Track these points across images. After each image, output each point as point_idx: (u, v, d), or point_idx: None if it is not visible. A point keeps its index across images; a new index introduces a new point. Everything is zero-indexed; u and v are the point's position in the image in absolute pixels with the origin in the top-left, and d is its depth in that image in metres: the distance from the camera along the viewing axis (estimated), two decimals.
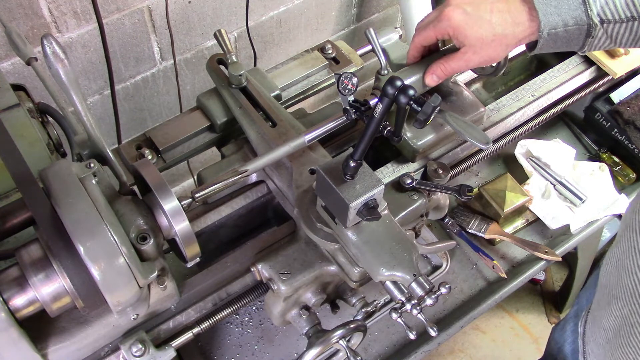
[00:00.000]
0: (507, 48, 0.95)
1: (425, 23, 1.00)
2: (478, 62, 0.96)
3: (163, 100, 2.02)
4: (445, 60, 1.00)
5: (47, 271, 0.79)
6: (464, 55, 0.96)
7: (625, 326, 0.88)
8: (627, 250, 0.86)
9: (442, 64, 1.00)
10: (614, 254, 0.93)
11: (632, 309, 0.85)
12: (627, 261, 0.85)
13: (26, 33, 1.54)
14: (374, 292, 1.29)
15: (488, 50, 0.94)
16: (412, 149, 1.14)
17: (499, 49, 0.94)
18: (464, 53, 0.96)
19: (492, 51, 0.94)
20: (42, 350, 0.86)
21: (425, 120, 0.78)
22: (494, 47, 0.93)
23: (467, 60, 0.96)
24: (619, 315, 0.89)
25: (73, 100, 0.85)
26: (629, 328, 0.87)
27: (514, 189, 1.43)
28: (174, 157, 1.13)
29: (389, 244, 0.90)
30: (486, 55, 0.95)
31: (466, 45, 0.94)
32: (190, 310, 1.00)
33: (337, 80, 0.91)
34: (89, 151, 0.94)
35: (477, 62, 0.96)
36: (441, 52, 1.07)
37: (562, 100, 1.34)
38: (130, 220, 0.83)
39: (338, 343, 0.97)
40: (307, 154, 1.06)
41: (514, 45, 0.95)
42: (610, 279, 0.93)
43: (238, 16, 1.95)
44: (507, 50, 0.96)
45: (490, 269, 1.40)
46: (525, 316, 2.41)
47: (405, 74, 1.09)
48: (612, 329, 0.92)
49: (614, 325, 0.91)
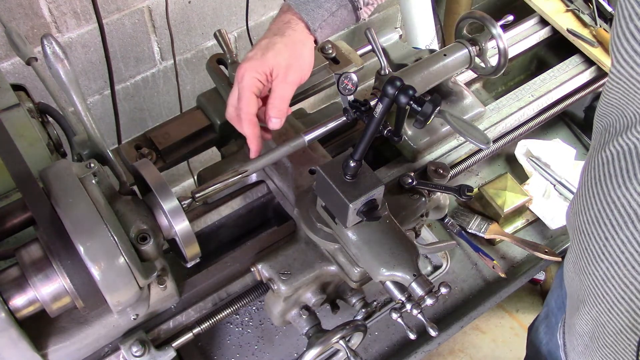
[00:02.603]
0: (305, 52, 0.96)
1: (233, 101, 0.98)
2: (294, 79, 0.96)
3: (163, 100, 2.02)
4: (271, 99, 0.96)
5: (47, 271, 0.78)
6: (277, 82, 0.95)
7: (597, 327, 0.88)
8: (580, 254, 0.86)
9: (270, 104, 0.96)
10: (569, 260, 0.93)
11: (599, 309, 0.85)
12: (582, 264, 0.85)
13: (26, 33, 1.54)
14: (374, 292, 1.29)
15: (294, 67, 0.95)
16: (412, 149, 1.14)
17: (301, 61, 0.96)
18: (278, 81, 0.95)
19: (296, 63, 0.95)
20: (42, 350, 0.86)
21: (425, 120, 0.78)
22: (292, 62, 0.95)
23: (285, 82, 0.95)
24: (589, 318, 0.89)
25: (73, 100, 0.85)
26: (601, 329, 0.87)
27: (514, 189, 1.43)
28: (174, 157, 1.13)
29: (389, 244, 0.90)
30: (297, 70, 0.95)
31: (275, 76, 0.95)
32: (190, 310, 1.00)
33: (337, 80, 0.91)
34: (89, 151, 0.94)
35: (293, 79, 0.96)
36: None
37: (562, 100, 1.34)
38: (130, 220, 0.83)
39: (338, 343, 0.97)
40: (307, 154, 1.06)
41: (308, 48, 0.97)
42: (573, 284, 0.93)
43: (238, 16, 1.95)
44: (309, 55, 0.97)
45: (490, 269, 1.40)
46: (525, 316, 2.41)
47: (405, 74, 1.09)
48: (587, 333, 0.92)
49: (588, 330, 0.91)
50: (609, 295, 0.81)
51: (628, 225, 0.74)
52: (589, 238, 0.82)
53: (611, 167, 0.76)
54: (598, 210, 0.79)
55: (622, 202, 0.74)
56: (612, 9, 1.48)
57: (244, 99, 0.93)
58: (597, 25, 1.44)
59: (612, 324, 0.84)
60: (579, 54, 1.41)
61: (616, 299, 0.80)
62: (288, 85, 0.95)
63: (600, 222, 0.79)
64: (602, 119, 0.81)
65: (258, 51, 0.93)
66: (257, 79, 0.93)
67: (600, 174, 0.78)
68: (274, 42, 0.94)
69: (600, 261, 0.80)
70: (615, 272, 0.78)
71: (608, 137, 0.78)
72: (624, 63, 0.70)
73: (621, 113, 0.76)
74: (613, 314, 0.82)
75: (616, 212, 0.75)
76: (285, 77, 0.94)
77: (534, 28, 1.48)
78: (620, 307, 0.80)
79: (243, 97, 0.93)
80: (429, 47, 2.06)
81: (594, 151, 0.82)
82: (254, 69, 0.92)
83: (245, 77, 0.93)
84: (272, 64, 0.93)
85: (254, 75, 0.92)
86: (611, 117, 0.78)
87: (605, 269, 0.80)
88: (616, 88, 0.74)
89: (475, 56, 1.14)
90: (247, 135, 0.96)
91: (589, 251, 0.83)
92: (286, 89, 0.95)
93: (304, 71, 0.97)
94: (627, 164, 0.73)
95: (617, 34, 0.68)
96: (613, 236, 0.77)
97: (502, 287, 1.38)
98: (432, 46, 2.10)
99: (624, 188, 0.73)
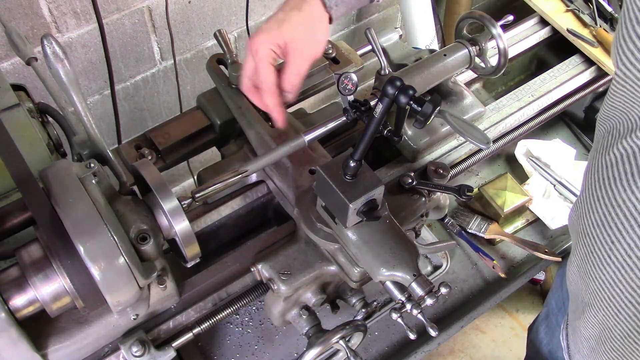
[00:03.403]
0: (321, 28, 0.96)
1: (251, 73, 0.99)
2: (310, 53, 0.96)
3: (163, 100, 2.02)
4: (286, 74, 0.97)
5: (47, 271, 0.78)
6: (293, 56, 0.95)
7: (604, 331, 0.87)
8: (585, 257, 0.85)
9: (284, 79, 0.97)
10: (573, 263, 0.92)
11: (606, 312, 0.84)
12: (588, 267, 0.85)
13: (26, 33, 1.54)
14: (374, 292, 1.29)
15: (309, 41, 0.95)
16: (412, 149, 1.14)
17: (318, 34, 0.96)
18: (293, 55, 0.95)
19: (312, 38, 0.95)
20: (42, 350, 0.86)
21: (425, 120, 0.78)
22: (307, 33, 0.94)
23: (300, 57, 0.96)
24: (595, 322, 0.89)
25: (73, 100, 0.85)
26: (608, 332, 0.86)
27: (514, 189, 1.43)
28: (174, 157, 1.13)
29: (389, 244, 0.89)
30: (312, 46, 0.95)
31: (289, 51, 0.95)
32: (190, 310, 1.00)
33: (337, 80, 0.91)
34: (89, 151, 0.94)
35: (309, 53, 0.96)
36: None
37: (562, 100, 1.34)
38: (130, 220, 0.83)
39: (338, 343, 0.97)
40: (307, 154, 1.06)
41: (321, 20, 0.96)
42: (578, 287, 0.92)
43: (238, 16, 1.95)
44: (325, 31, 0.97)
45: (491, 269, 1.40)
46: (525, 316, 2.41)
47: (405, 74, 1.09)
48: (593, 337, 0.92)
49: (594, 333, 0.91)
50: (615, 299, 0.81)
51: (635, 229, 0.73)
52: (594, 241, 0.82)
53: (615, 170, 0.76)
54: (603, 214, 0.79)
55: (627, 206, 0.74)
56: (612, 9, 1.48)
57: (262, 71, 0.94)
58: (597, 25, 1.44)
59: (619, 327, 0.83)
60: (579, 54, 1.41)
61: (623, 303, 0.80)
62: (304, 61, 0.96)
63: (605, 225, 0.79)
64: (606, 122, 0.81)
65: (274, 23, 0.93)
66: (272, 51, 0.93)
67: (605, 176, 0.78)
68: (291, 15, 0.93)
69: (607, 265, 0.80)
70: (622, 276, 0.78)
71: (612, 140, 0.78)
72: (630, 65, 0.69)
73: (625, 116, 0.75)
74: (620, 318, 0.82)
75: (622, 216, 0.75)
76: (301, 52, 0.94)
77: (534, 28, 1.48)
78: (628, 310, 0.80)
79: (261, 68, 0.94)
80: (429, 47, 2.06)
81: (597, 154, 0.81)
82: (269, 40, 0.93)
83: (261, 48, 0.93)
84: (288, 38, 0.93)
85: (269, 46, 0.93)
86: (615, 120, 0.78)
87: (612, 272, 0.80)
88: (621, 91, 0.74)
89: (475, 56, 1.14)
90: (269, 105, 0.97)
91: (594, 255, 0.82)
92: (301, 64, 0.96)
93: (319, 47, 0.97)
94: (631, 166, 0.73)
95: (623, 36, 0.68)
96: (619, 240, 0.76)
97: (502, 287, 1.38)
98: (432, 46, 2.10)
99: (630, 191, 0.73)
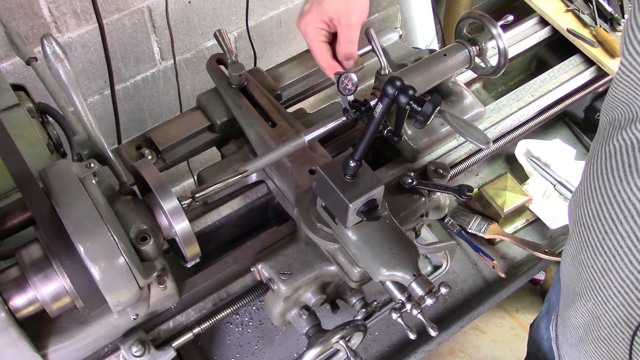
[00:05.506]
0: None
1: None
2: (357, 20, 1.00)
3: (163, 100, 2.02)
4: (340, 45, 1.01)
5: (47, 271, 0.78)
6: (341, 27, 0.99)
7: (592, 320, 0.88)
8: (579, 246, 0.86)
9: (339, 50, 1.01)
10: (568, 252, 0.93)
11: (595, 301, 0.85)
12: (581, 256, 0.86)
13: (26, 33, 1.54)
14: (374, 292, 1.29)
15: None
16: (412, 149, 1.14)
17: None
18: (342, 26, 0.99)
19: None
20: (42, 350, 0.86)
21: (425, 120, 0.78)
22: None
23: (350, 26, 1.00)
24: (584, 311, 0.89)
25: (73, 100, 0.85)
26: (596, 322, 0.87)
27: (514, 189, 1.43)
28: (174, 157, 1.13)
29: (389, 244, 0.90)
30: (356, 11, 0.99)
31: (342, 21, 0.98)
32: (190, 310, 1.00)
33: (337, 80, 0.91)
34: (89, 151, 0.94)
35: (357, 20, 1.00)
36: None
37: (562, 100, 1.34)
38: (130, 220, 0.83)
39: (338, 343, 0.97)
40: (307, 154, 1.06)
41: None
42: (570, 276, 0.93)
43: (238, 16, 1.95)
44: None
45: (490, 269, 1.40)
46: (525, 316, 2.41)
47: (405, 74, 1.09)
48: (582, 326, 0.92)
49: (582, 322, 0.91)
50: (605, 288, 0.81)
51: (628, 220, 0.74)
52: (588, 231, 0.82)
53: (613, 161, 0.76)
54: (599, 204, 0.79)
55: (622, 197, 0.74)
56: (612, 9, 1.48)
57: (315, 50, 1.00)
58: (597, 25, 1.44)
59: (607, 316, 0.84)
60: (579, 54, 1.41)
61: (612, 292, 0.80)
62: (352, 28, 1.00)
63: (600, 215, 0.79)
64: (609, 112, 0.81)
65: (313, 3, 0.98)
66: (319, 28, 0.98)
67: (603, 167, 0.78)
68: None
69: (599, 254, 0.80)
70: (612, 265, 0.78)
71: (612, 130, 0.78)
72: (635, 55, 0.70)
73: (627, 107, 0.76)
74: (609, 307, 0.82)
75: (616, 206, 0.75)
76: (348, 21, 0.98)
77: (534, 28, 1.48)
78: (616, 300, 0.80)
79: (313, 48, 1.00)
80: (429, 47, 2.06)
81: (598, 145, 0.82)
82: (314, 21, 0.98)
83: (309, 30, 0.99)
84: (331, 12, 0.97)
85: (315, 26, 0.98)
86: (618, 111, 0.78)
87: (603, 262, 0.80)
88: (625, 81, 0.74)
89: (475, 56, 1.14)
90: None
91: (588, 244, 0.83)
92: (351, 32, 1.00)
93: (363, 9, 1.01)
94: (629, 158, 0.73)
95: (631, 25, 0.69)
96: (612, 230, 0.77)
97: (502, 287, 1.38)
98: (432, 46, 2.10)
99: (625, 182, 0.73)
